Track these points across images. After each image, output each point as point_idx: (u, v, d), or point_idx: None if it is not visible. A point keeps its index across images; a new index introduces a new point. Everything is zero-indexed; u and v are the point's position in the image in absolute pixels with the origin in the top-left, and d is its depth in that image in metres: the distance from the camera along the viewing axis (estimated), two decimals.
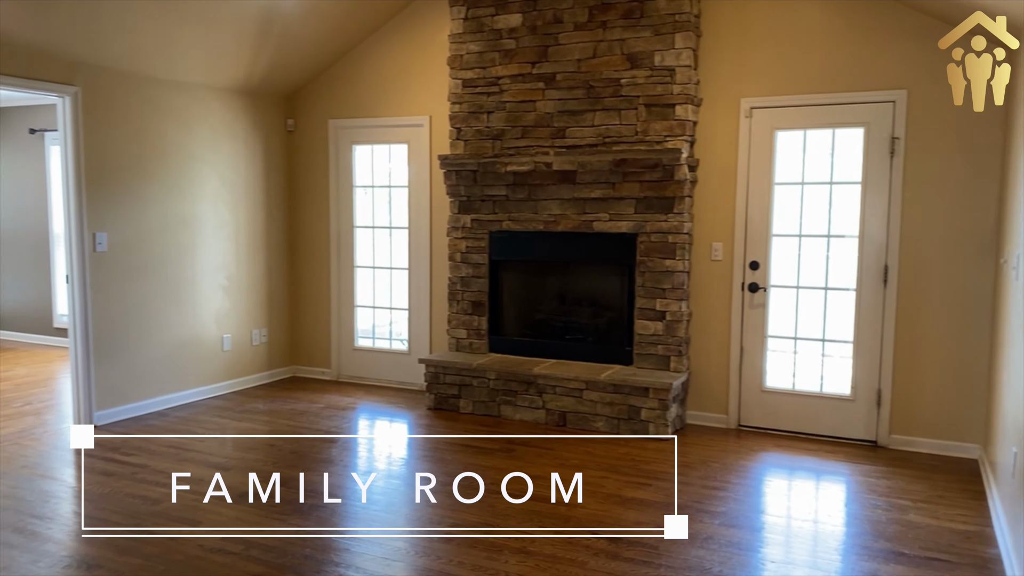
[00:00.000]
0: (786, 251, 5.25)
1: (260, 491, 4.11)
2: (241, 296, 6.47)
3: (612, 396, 5.22)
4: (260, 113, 6.56)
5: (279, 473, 4.36)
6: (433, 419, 5.62)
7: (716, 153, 5.34)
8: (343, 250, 6.73)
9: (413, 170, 6.37)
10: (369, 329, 6.82)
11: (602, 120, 5.44)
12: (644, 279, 5.40)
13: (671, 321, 5.33)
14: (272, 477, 4.30)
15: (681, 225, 5.25)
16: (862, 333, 5.04)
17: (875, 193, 4.94)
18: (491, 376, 5.60)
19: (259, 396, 6.27)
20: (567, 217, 5.58)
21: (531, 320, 6.07)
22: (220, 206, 6.25)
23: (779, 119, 5.17)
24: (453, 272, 6.03)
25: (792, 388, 5.30)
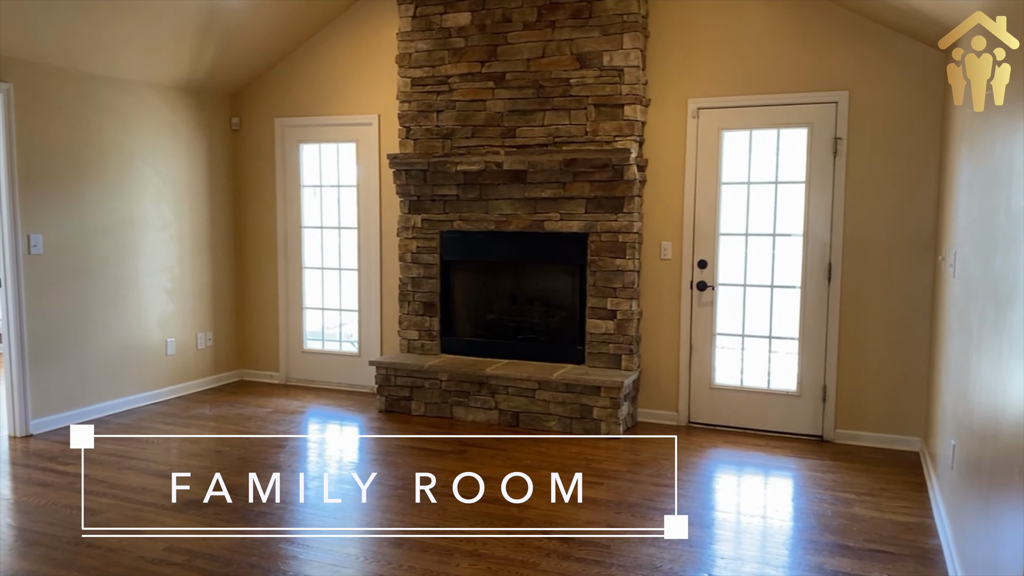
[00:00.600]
0: (733, 250, 5.32)
1: (205, 498, 4.02)
2: (186, 299, 6.31)
3: (564, 396, 5.23)
4: (204, 111, 6.41)
5: (225, 479, 4.26)
6: (384, 422, 5.56)
7: (664, 153, 5.38)
8: (291, 251, 6.62)
9: (362, 169, 6.30)
10: (318, 331, 6.72)
11: (552, 120, 5.44)
12: (595, 278, 5.41)
13: (622, 320, 5.36)
14: (219, 484, 4.20)
15: (631, 225, 5.29)
16: (807, 330, 5.13)
17: (819, 192, 5.04)
18: (443, 377, 5.57)
19: (205, 401, 6.13)
20: (518, 217, 5.57)
21: (483, 320, 6.04)
22: (163, 206, 6.09)
23: (726, 119, 5.24)
24: (404, 273, 5.97)
25: (740, 385, 5.37)
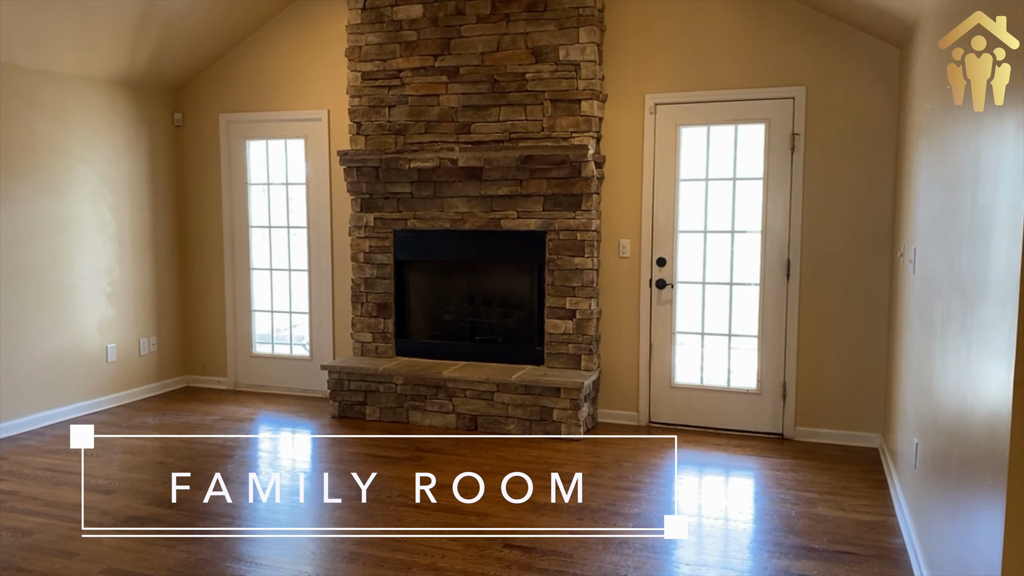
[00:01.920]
0: (692, 247, 5.26)
1: (146, 514, 3.80)
2: (127, 302, 6.04)
3: (523, 397, 5.11)
4: (144, 107, 6.14)
5: (169, 493, 4.05)
6: (338, 428, 5.38)
7: (622, 149, 5.30)
8: (238, 251, 6.38)
9: (311, 166, 6.09)
10: (268, 335, 6.50)
11: (508, 115, 5.31)
12: (554, 277, 5.31)
13: (581, 319, 5.26)
14: (161, 498, 3.99)
15: (589, 222, 5.19)
16: (767, 327, 5.10)
17: (777, 188, 5.00)
18: (398, 381, 5.41)
19: (149, 409, 5.86)
20: (474, 215, 5.43)
21: (439, 322, 5.89)
22: (101, 206, 5.80)
23: (683, 115, 5.17)
24: (356, 273, 5.79)
25: (700, 383, 5.32)
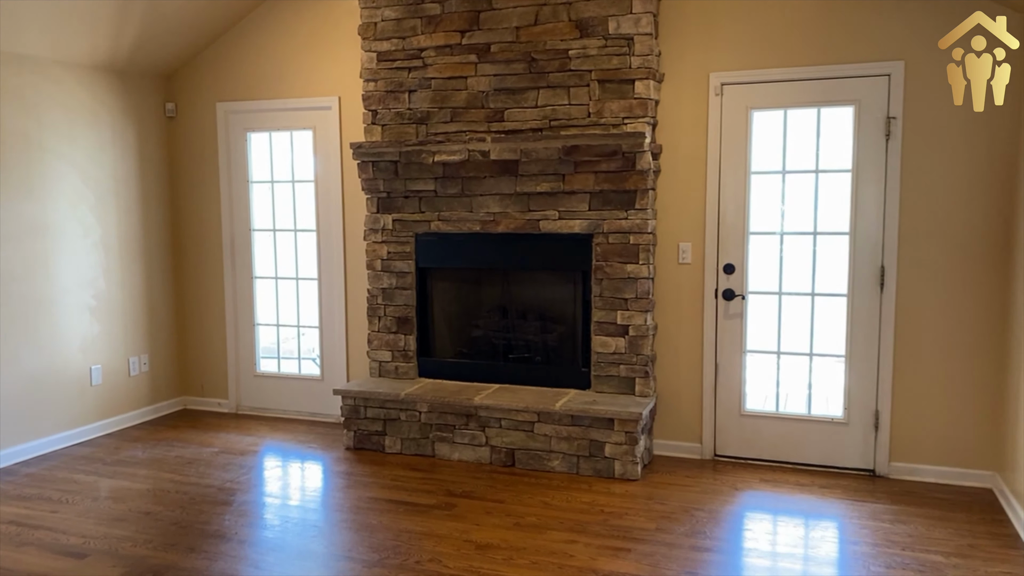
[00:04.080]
0: (766, 252, 4.51)
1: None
2: (114, 317, 5.33)
3: (570, 429, 4.37)
4: (131, 96, 5.42)
5: (154, 559, 3.34)
6: (353, 463, 4.65)
7: (682, 138, 4.54)
8: (239, 258, 5.67)
9: (321, 161, 5.36)
10: (273, 352, 5.79)
11: (548, 99, 4.56)
12: (602, 288, 4.56)
13: (635, 337, 4.51)
14: (143, 566, 3.28)
15: (645, 223, 4.44)
16: (856, 345, 4.34)
17: (868, 182, 4.24)
18: (423, 408, 4.68)
19: (139, 438, 5.16)
20: (508, 216, 4.69)
21: (467, 338, 5.16)
22: (83, 209, 5.09)
23: (755, 97, 4.41)
24: (373, 283, 5.06)
25: (775, 411, 4.57)
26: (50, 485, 4.31)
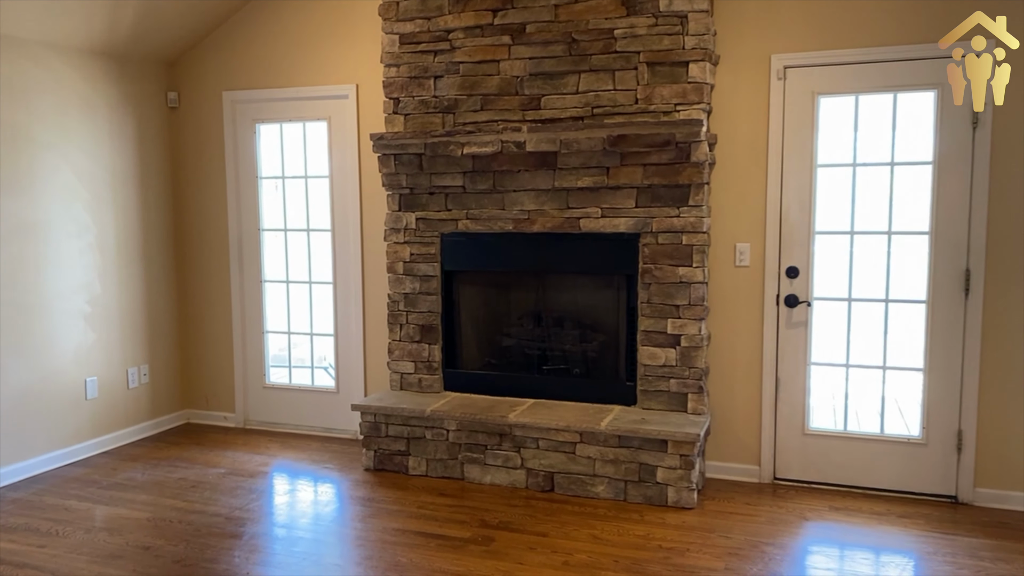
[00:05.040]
0: (834, 253, 4.06)
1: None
2: (111, 325, 4.89)
3: (616, 451, 3.93)
4: (130, 84, 4.98)
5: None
6: (374, 487, 4.21)
7: (739, 126, 4.10)
8: (247, 260, 5.23)
9: (336, 155, 4.93)
10: (284, 361, 5.35)
11: (590, 84, 4.12)
12: (650, 293, 4.12)
13: (687, 348, 4.07)
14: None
15: (699, 222, 3.99)
16: (936, 358, 3.89)
17: (952, 176, 3.79)
18: (451, 426, 4.23)
19: (139, 457, 4.73)
20: (545, 214, 4.25)
21: (497, 348, 4.72)
22: (76, 207, 4.66)
23: (822, 81, 3.96)
24: (394, 287, 4.62)
25: (843, 430, 4.12)
26: (39, 513, 3.87)
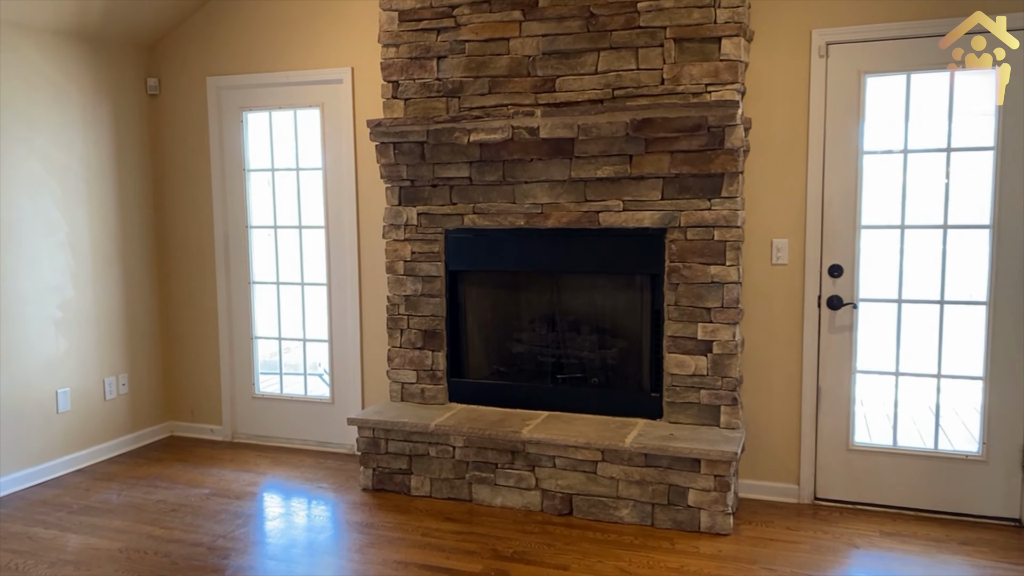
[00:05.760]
0: (882, 249, 3.67)
1: None
2: (85, 331, 4.49)
3: (643, 471, 3.53)
4: (106, 69, 4.58)
5: None
6: (374, 510, 3.81)
7: (776, 109, 3.71)
8: (234, 260, 4.83)
9: (330, 145, 4.53)
10: (274, 369, 4.95)
11: (610, 64, 3.72)
12: (678, 294, 3.72)
13: (720, 355, 3.67)
14: None
15: (733, 215, 3.60)
16: (998, 365, 3.50)
17: (1017, 163, 3.40)
18: (457, 443, 3.83)
19: (115, 476, 4.32)
20: (560, 207, 3.85)
21: (507, 355, 4.33)
22: (45, 202, 4.26)
23: (870, 58, 3.57)
24: (394, 289, 4.22)
25: (893, 445, 3.72)
26: (0, 544, 3.48)
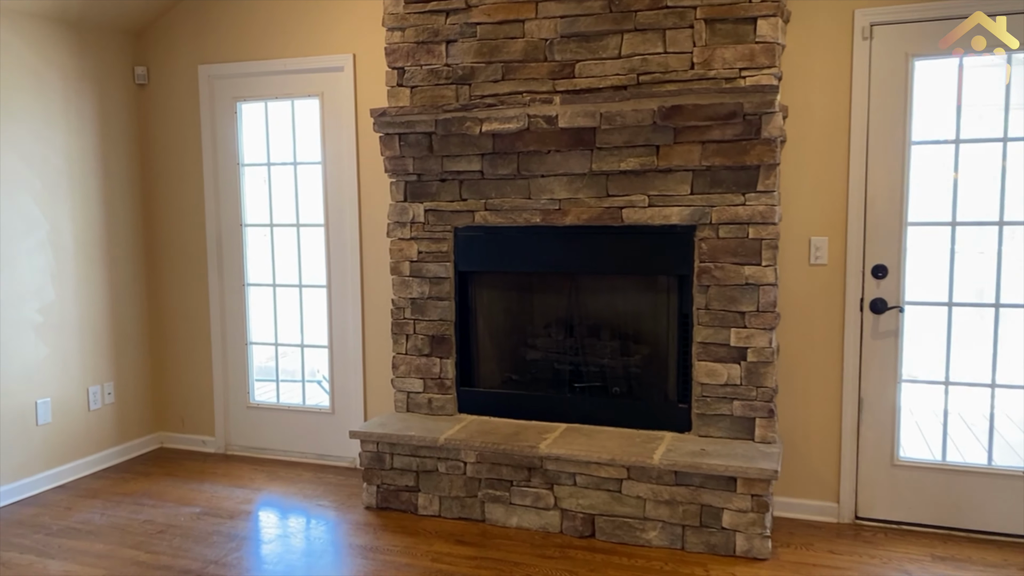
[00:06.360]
0: (931, 248, 3.39)
1: None
2: (67, 337, 4.19)
3: (672, 490, 3.24)
4: (90, 56, 4.28)
5: None
6: (378, 531, 3.52)
7: (814, 97, 3.42)
8: (228, 261, 4.54)
9: (330, 137, 4.23)
10: (271, 376, 4.65)
11: (635, 47, 3.43)
12: (708, 297, 3.43)
13: (756, 363, 3.38)
14: None
15: (770, 211, 3.31)
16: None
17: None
18: (468, 458, 3.54)
19: (100, 492, 4.03)
20: (580, 203, 3.56)
21: (521, 362, 4.03)
22: (23, 199, 3.96)
23: (919, 40, 3.28)
24: (399, 291, 3.93)
25: (942, 460, 3.44)
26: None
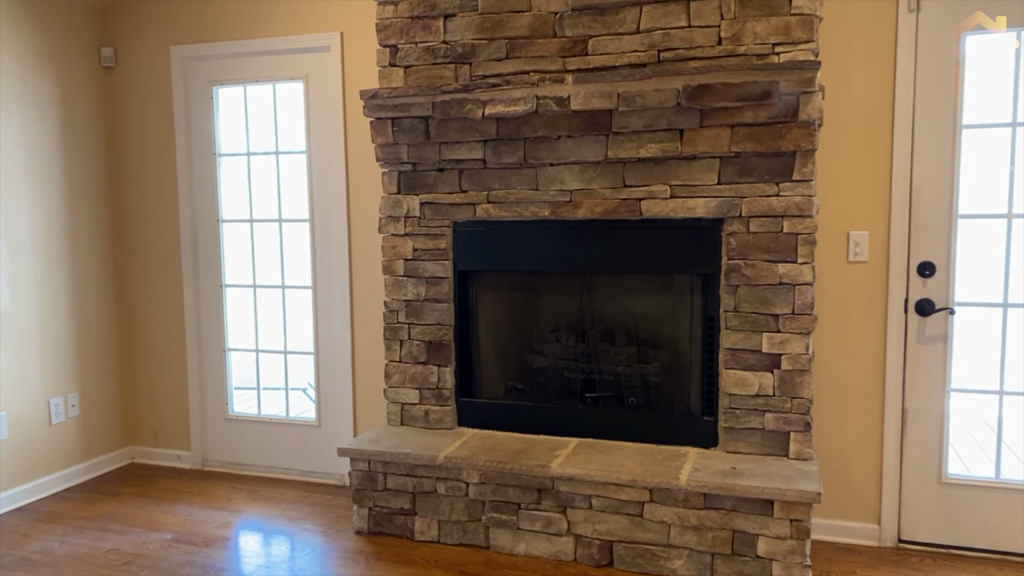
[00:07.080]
0: (983, 244, 3.07)
1: None
2: (25, 344, 3.81)
3: (700, 514, 2.90)
4: (51, 36, 3.90)
5: None
6: (370, 560, 3.16)
7: (853, 76, 3.10)
8: (203, 259, 4.16)
9: (316, 124, 3.87)
10: (251, 385, 4.28)
11: (655, 20, 3.09)
12: (737, 298, 3.09)
13: (790, 371, 3.04)
14: None
15: (807, 202, 2.97)
16: None
17: None
18: (471, 479, 3.19)
19: (60, 516, 3.64)
20: (593, 194, 3.21)
21: (527, 370, 3.68)
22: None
23: (969, 12, 2.96)
24: (393, 292, 3.57)
25: (995, 478, 3.12)
26: None
